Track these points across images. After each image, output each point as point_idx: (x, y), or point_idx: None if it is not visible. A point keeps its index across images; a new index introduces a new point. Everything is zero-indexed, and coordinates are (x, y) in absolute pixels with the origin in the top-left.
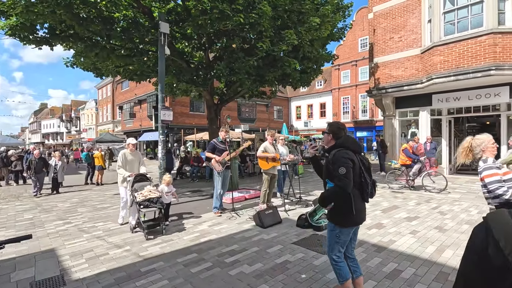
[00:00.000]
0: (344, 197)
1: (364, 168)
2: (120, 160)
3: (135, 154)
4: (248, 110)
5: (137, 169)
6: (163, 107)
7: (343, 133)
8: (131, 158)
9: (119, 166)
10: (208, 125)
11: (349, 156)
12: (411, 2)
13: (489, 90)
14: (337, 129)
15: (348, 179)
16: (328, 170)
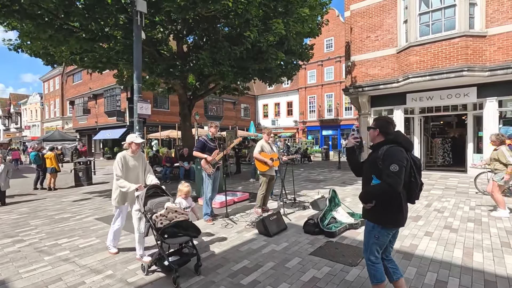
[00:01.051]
0: (391, 196)
1: (416, 167)
2: (118, 167)
3: (138, 157)
4: (216, 107)
5: (141, 178)
6: (140, 99)
7: (392, 129)
8: (133, 164)
9: (118, 176)
10: (181, 122)
11: (404, 154)
12: (387, 2)
13: (459, 90)
14: (386, 123)
15: (400, 178)
16: (376, 167)
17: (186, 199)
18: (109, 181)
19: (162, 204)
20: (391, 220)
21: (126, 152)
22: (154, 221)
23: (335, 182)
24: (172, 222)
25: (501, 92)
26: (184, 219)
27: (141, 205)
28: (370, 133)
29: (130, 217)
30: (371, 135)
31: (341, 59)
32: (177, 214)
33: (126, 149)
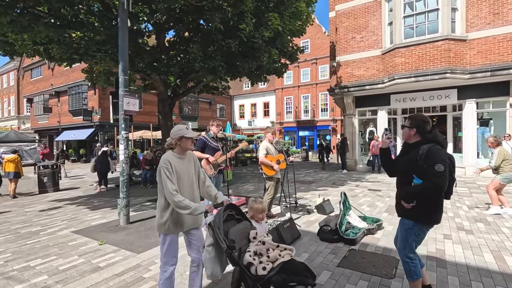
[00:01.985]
0: (434, 195)
1: (452, 165)
2: (168, 177)
3: (189, 159)
4: (191, 107)
5: (197, 191)
6: (127, 93)
7: (428, 127)
8: (184, 169)
9: (172, 191)
10: (161, 121)
11: (445, 153)
12: (372, 4)
13: (441, 92)
14: (422, 123)
15: (446, 177)
16: (416, 166)
17: (260, 223)
18: (79, 186)
19: (246, 235)
20: (432, 217)
21: (172, 153)
22: (249, 265)
23: (325, 183)
24: (277, 265)
25: (479, 94)
26: (291, 258)
27: (220, 238)
28: (405, 132)
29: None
30: (406, 134)
31: (317, 61)
32: (279, 251)
33: (172, 148)
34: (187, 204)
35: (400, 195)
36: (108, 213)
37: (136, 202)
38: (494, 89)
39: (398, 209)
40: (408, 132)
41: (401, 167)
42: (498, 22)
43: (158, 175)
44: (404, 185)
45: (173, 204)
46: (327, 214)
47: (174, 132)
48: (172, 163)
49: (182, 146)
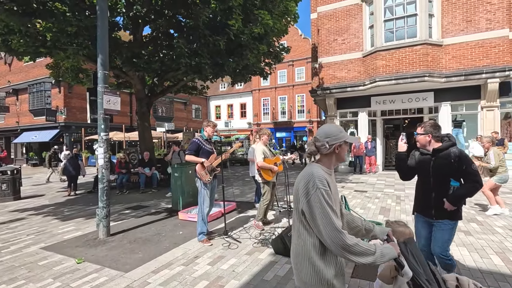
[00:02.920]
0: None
1: None
2: (327, 202)
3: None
4: (166, 107)
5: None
6: (107, 90)
7: (441, 131)
8: (334, 191)
9: (342, 230)
10: (138, 121)
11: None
12: (353, 7)
13: (419, 94)
14: (436, 128)
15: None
16: (451, 170)
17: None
18: (43, 193)
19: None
20: (461, 213)
21: (320, 167)
22: None
23: None
24: None
25: (453, 97)
26: None
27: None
28: (421, 139)
29: None
30: (422, 141)
31: (294, 63)
32: None
33: (310, 156)
34: (368, 248)
35: (449, 199)
36: (83, 224)
37: (113, 211)
38: (467, 93)
39: (437, 213)
40: (424, 138)
41: (436, 172)
42: (471, 29)
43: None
44: (439, 189)
45: (342, 250)
46: None
47: (332, 133)
48: (329, 183)
49: (340, 156)
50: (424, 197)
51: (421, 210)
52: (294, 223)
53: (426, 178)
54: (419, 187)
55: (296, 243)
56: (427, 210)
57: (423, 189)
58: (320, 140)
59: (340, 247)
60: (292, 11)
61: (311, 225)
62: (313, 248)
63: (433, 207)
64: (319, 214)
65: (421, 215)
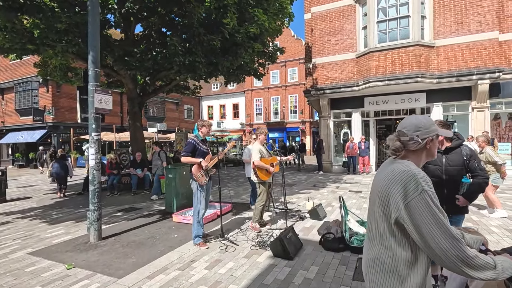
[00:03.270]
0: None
1: None
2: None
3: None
4: (157, 108)
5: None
6: (98, 89)
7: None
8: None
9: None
10: (130, 121)
11: None
12: (347, 8)
13: (411, 95)
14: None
15: None
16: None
17: None
18: (30, 195)
19: None
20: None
21: (417, 170)
22: None
23: (305, 185)
24: None
25: (445, 98)
26: None
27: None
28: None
29: None
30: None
31: (286, 64)
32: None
33: (395, 153)
34: (487, 261)
35: (465, 195)
36: (73, 227)
37: (105, 213)
38: (458, 94)
39: (448, 209)
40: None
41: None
42: (462, 31)
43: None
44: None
45: (461, 263)
46: (321, 220)
47: (423, 125)
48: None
49: (431, 152)
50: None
51: None
52: (371, 231)
53: (437, 176)
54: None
55: (377, 256)
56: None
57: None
58: (407, 134)
59: (458, 259)
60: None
61: (414, 235)
62: (405, 263)
63: (445, 203)
64: (427, 221)
65: None
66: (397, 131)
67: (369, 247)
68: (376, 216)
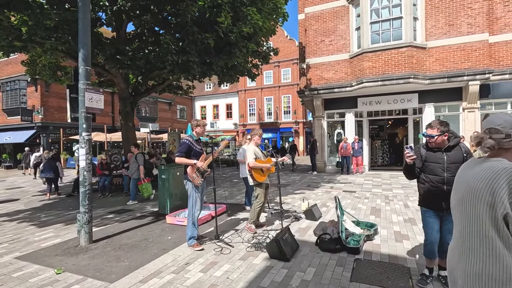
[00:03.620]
0: None
1: None
2: None
3: None
4: (149, 108)
5: None
6: (89, 87)
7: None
8: None
9: None
10: (122, 122)
11: None
12: (340, 9)
13: (404, 96)
14: (447, 125)
15: None
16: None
17: None
18: (18, 197)
19: None
20: None
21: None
22: None
23: (300, 185)
24: None
25: (437, 98)
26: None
27: None
28: (440, 139)
29: None
30: (441, 141)
31: (280, 64)
32: None
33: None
34: None
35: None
36: (62, 230)
37: (95, 215)
38: (450, 94)
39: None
40: (442, 138)
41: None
42: (453, 32)
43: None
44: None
45: None
46: (316, 220)
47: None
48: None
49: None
50: (436, 191)
51: (431, 203)
52: (467, 241)
53: (438, 173)
54: (429, 182)
55: (482, 271)
56: (438, 203)
57: (435, 184)
58: (503, 131)
59: None
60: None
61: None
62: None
63: (445, 200)
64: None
65: (430, 209)
66: (488, 128)
67: (466, 261)
68: (476, 221)
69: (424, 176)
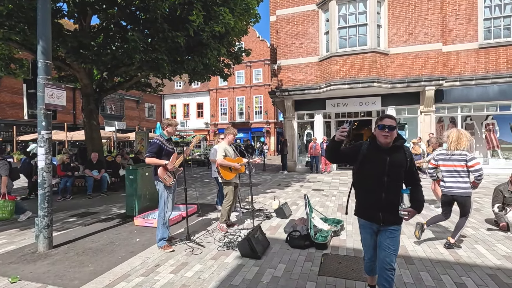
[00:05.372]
0: None
1: None
2: None
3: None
4: (115, 105)
5: None
6: (50, 83)
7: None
8: None
9: None
10: (85, 120)
11: None
12: (310, 13)
13: (369, 99)
14: (396, 121)
15: None
16: (404, 169)
17: None
18: None
19: None
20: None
21: None
22: None
23: (271, 184)
24: None
25: (398, 102)
26: None
27: None
28: (394, 134)
29: None
30: (393, 136)
31: (252, 64)
32: None
33: None
34: None
35: (414, 206)
36: (17, 236)
37: (56, 219)
38: (409, 98)
39: (385, 217)
40: (394, 133)
41: (392, 170)
42: (412, 41)
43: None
44: (392, 190)
45: None
46: (287, 218)
47: None
48: None
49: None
50: (373, 197)
51: (367, 213)
52: None
53: (378, 176)
54: (366, 186)
55: None
56: (374, 213)
57: (372, 189)
58: None
59: None
60: (254, 11)
61: None
62: None
63: (382, 210)
64: None
65: (365, 219)
66: None
67: None
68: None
69: (360, 178)
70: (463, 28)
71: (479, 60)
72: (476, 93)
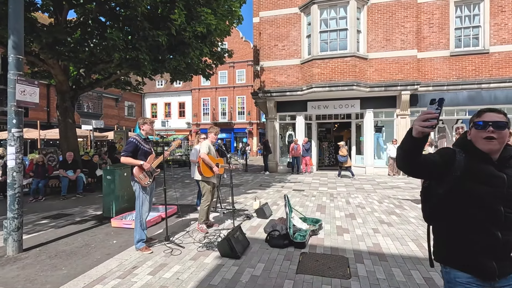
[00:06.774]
0: None
1: None
2: None
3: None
4: (93, 103)
5: None
6: (22, 79)
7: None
8: None
9: None
10: (60, 118)
11: None
12: (293, 16)
13: (348, 101)
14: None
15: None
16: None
17: None
18: None
19: None
20: None
21: None
22: None
23: (252, 185)
24: None
25: (376, 105)
26: None
27: None
28: (505, 133)
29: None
30: (503, 139)
31: (235, 65)
32: None
33: None
34: None
35: None
36: None
37: (27, 221)
38: (386, 102)
39: (503, 268)
40: (506, 135)
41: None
42: (389, 47)
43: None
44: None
45: None
46: (267, 218)
47: None
48: None
49: None
50: (483, 237)
51: (470, 262)
52: None
53: (491, 204)
54: (469, 219)
55: None
56: (485, 261)
57: (481, 224)
58: None
59: None
60: (236, 12)
61: None
62: None
63: (497, 258)
64: None
65: (467, 272)
66: None
67: None
68: None
69: (456, 205)
70: (436, 36)
71: (451, 67)
72: (447, 98)
